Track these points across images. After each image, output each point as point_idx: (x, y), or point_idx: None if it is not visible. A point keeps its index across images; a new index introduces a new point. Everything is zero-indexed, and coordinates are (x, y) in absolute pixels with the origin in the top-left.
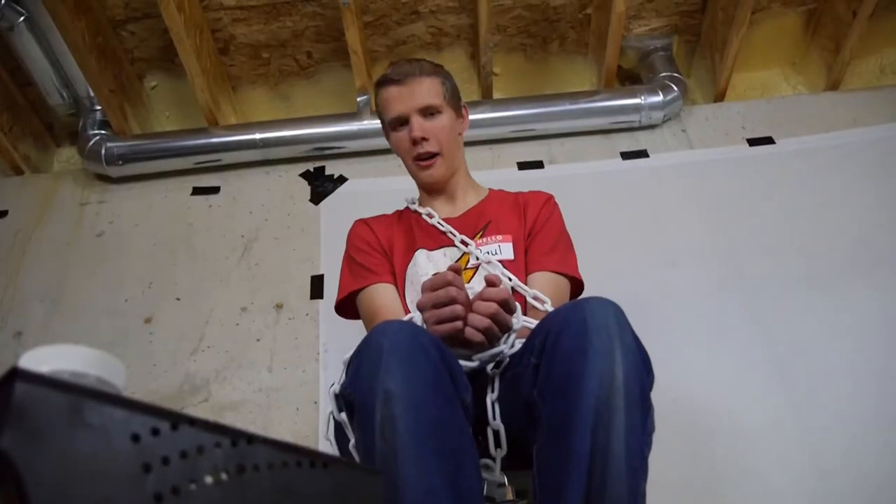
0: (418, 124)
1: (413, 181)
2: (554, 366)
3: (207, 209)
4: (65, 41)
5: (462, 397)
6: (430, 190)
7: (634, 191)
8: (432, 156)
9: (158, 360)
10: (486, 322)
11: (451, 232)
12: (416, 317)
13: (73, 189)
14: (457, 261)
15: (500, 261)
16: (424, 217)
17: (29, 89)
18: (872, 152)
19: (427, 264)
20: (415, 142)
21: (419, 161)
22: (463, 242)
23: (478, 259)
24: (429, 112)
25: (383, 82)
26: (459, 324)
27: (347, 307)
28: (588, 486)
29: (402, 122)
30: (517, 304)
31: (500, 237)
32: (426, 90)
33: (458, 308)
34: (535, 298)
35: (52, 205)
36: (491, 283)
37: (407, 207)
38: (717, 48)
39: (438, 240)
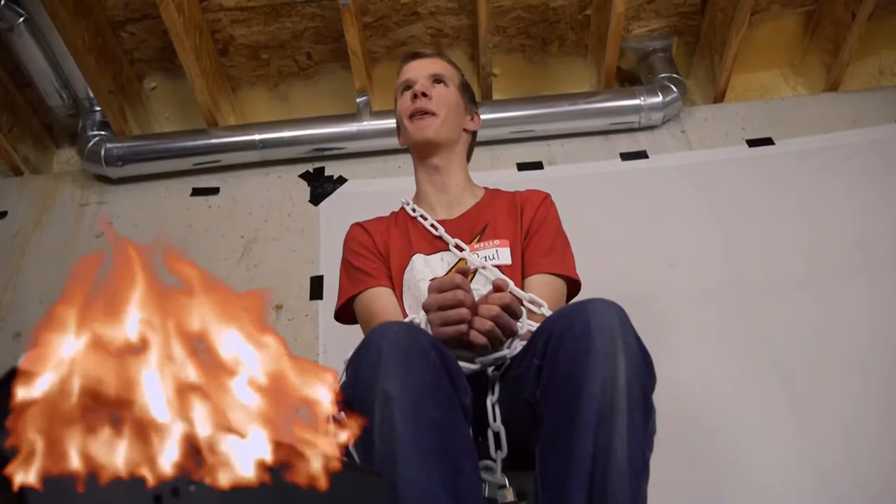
0: (423, 83)
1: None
2: (557, 367)
3: (207, 210)
4: (64, 42)
5: (461, 399)
6: (420, 156)
7: (634, 192)
8: (428, 113)
9: None
10: (489, 325)
11: (444, 236)
12: (419, 319)
13: (72, 190)
14: (456, 264)
15: (497, 266)
16: (419, 219)
17: (28, 90)
18: (872, 153)
19: (425, 269)
20: (415, 96)
21: (413, 116)
22: (457, 247)
23: (473, 264)
24: (437, 79)
25: (406, 58)
26: (464, 327)
27: (347, 313)
28: (590, 488)
29: (411, 86)
30: (522, 308)
31: (497, 241)
32: (442, 66)
33: (464, 311)
34: (532, 302)
35: (51, 206)
36: (498, 288)
37: (403, 209)
38: (716, 49)
39: (435, 244)
